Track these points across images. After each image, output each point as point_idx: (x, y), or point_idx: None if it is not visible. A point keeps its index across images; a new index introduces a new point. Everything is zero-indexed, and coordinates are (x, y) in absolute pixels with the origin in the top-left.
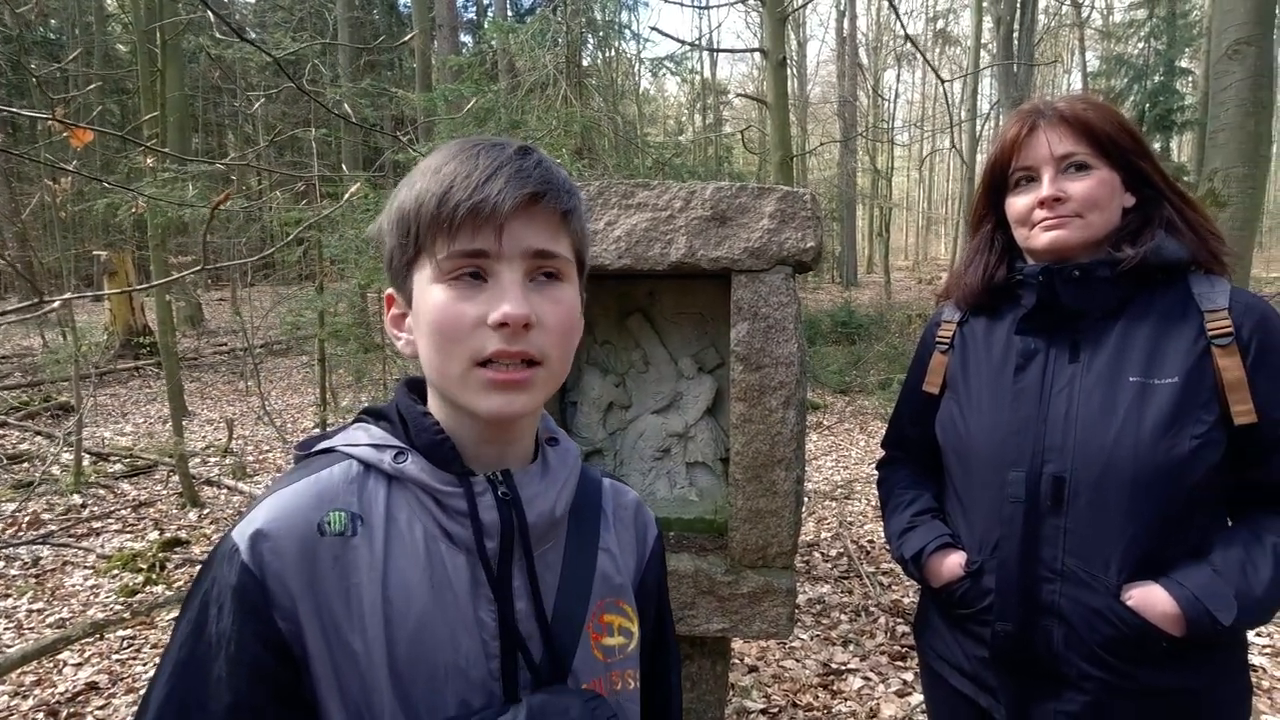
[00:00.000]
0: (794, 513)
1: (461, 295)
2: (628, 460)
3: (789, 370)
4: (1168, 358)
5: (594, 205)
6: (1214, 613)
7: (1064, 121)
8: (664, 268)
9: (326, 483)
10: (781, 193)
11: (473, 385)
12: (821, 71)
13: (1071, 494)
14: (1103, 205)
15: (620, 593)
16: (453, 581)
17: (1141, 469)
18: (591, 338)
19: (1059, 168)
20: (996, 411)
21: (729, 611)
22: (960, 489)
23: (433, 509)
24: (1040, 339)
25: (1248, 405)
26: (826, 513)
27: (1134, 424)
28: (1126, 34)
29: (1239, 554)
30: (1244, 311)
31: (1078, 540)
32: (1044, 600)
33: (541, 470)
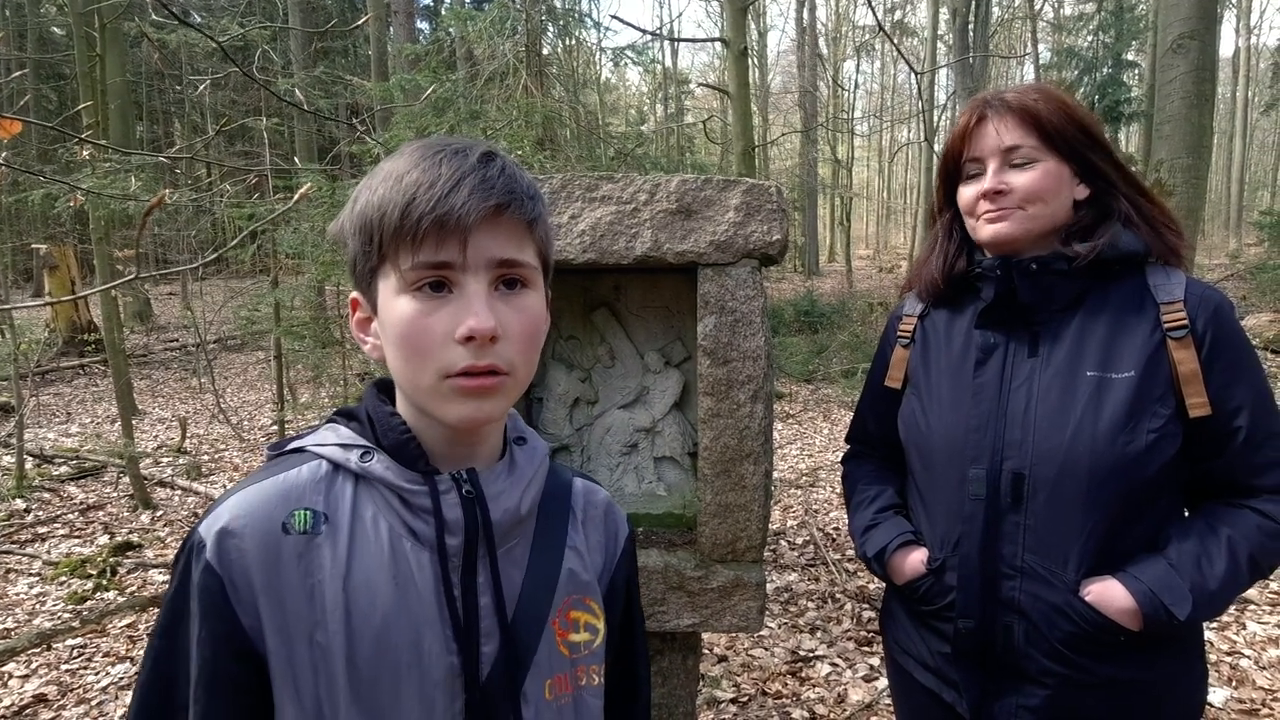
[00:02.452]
0: (763, 506)
1: (428, 308)
2: (595, 456)
3: (756, 364)
4: (1125, 351)
5: (557, 199)
6: (1170, 607)
7: (1011, 112)
8: (629, 262)
9: (293, 481)
10: (747, 185)
11: (443, 395)
12: (782, 62)
13: (1030, 491)
14: (1046, 198)
15: (587, 590)
16: (416, 579)
17: (1098, 464)
18: (557, 333)
19: (1004, 160)
20: (957, 407)
21: (699, 606)
22: (922, 485)
23: (398, 507)
24: (999, 333)
25: (1203, 398)
26: (792, 501)
27: (1091, 419)
28: (1076, 27)
29: (1194, 547)
30: (1199, 304)
31: (1037, 537)
32: (1004, 597)
33: (508, 469)
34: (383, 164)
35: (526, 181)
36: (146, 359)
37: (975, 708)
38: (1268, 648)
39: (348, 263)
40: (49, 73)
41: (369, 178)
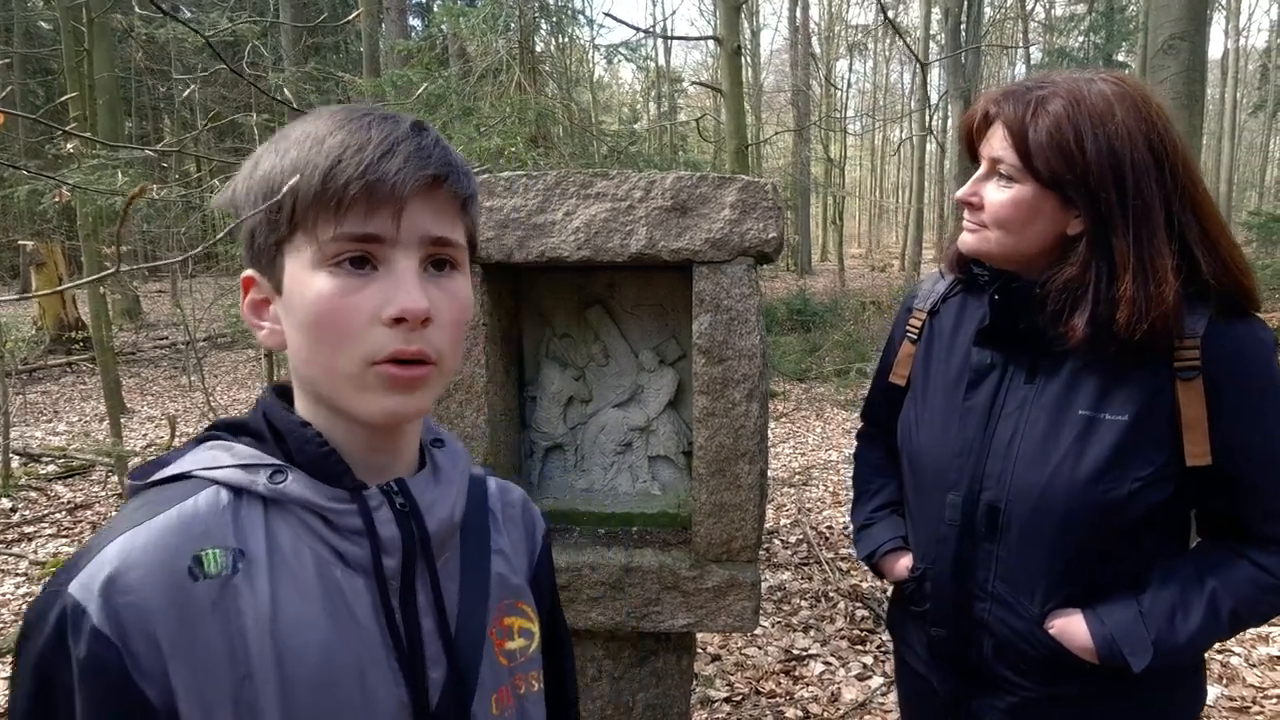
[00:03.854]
0: (758, 506)
1: (350, 285)
2: (589, 455)
3: (752, 363)
4: (1124, 390)
5: (551, 195)
6: (1127, 656)
7: (1006, 125)
8: (624, 259)
9: (191, 516)
10: (743, 183)
11: (366, 385)
12: (775, 60)
13: (1005, 523)
14: (1011, 226)
15: (518, 593)
16: (354, 609)
17: (1073, 509)
18: (550, 330)
19: (989, 168)
20: (945, 429)
21: (694, 607)
22: (910, 495)
23: (322, 531)
24: (999, 353)
25: (1203, 447)
26: (785, 500)
27: (1071, 462)
28: (1068, 28)
29: (1172, 596)
30: (1217, 345)
31: (1008, 568)
32: (975, 615)
33: (433, 475)
34: (291, 126)
35: (461, 157)
36: (135, 357)
37: (952, 701)
38: (1258, 645)
39: (243, 237)
40: (36, 68)
41: (274, 140)
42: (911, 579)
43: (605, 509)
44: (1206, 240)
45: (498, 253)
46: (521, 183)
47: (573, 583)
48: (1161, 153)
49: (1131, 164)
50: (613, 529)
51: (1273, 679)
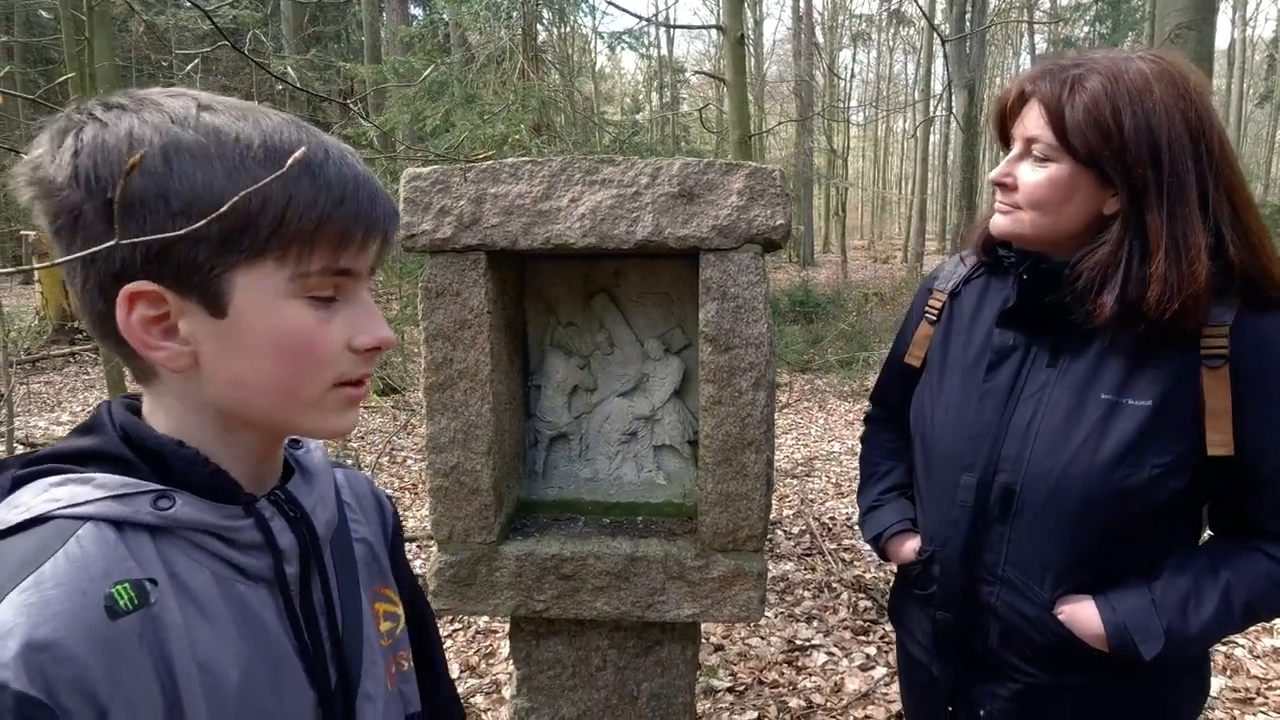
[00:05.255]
0: (764, 495)
1: (323, 315)
2: (594, 444)
3: (759, 351)
4: (1149, 375)
5: (557, 182)
6: (1137, 645)
7: (1043, 103)
8: (630, 246)
9: (83, 557)
10: (750, 169)
11: (327, 407)
12: (778, 50)
13: (1019, 507)
14: (1046, 207)
15: (382, 578)
16: (262, 620)
17: (1090, 495)
18: (555, 319)
19: (1024, 149)
20: (962, 410)
21: (699, 596)
22: (920, 476)
23: (220, 549)
24: (1021, 335)
25: (1225, 436)
26: (788, 490)
27: (1091, 447)
28: (1073, 17)
29: (1186, 586)
30: (1246, 334)
31: (1019, 552)
32: (983, 600)
33: (305, 478)
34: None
35: None
36: None
37: (952, 688)
38: (1262, 637)
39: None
40: (36, 57)
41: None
42: (919, 561)
43: (610, 498)
44: (1238, 224)
45: (502, 240)
46: (526, 169)
47: (577, 573)
48: (1199, 131)
49: (1169, 141)
50: (617, 519)
51: (1277, 670)
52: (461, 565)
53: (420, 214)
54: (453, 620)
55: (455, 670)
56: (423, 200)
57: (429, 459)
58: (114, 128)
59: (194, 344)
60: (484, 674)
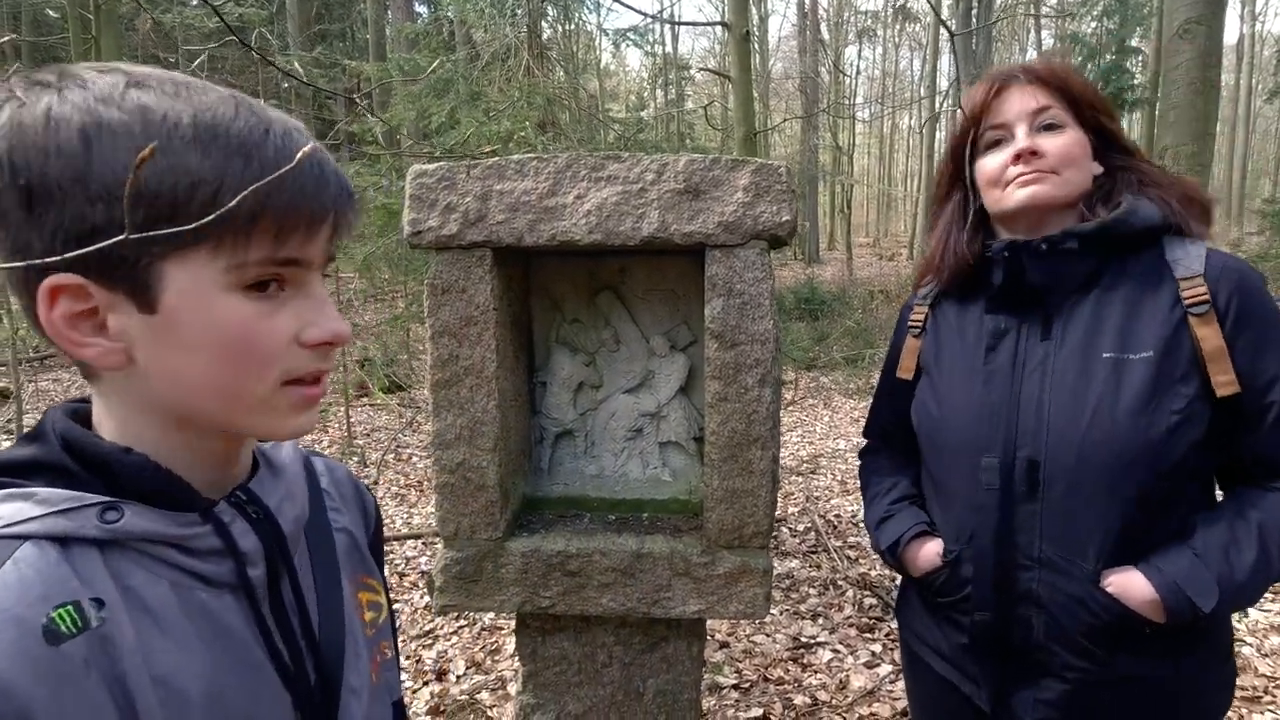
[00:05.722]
0: (770, 492)
1: (267, 308)
2: (599, 441)
3: (765, 348)
4: (1143, 330)
5: (562, 178)
6: (1194, 600)
7: (1038, 79)
8: (636, 243)
9: (19, 583)
10: (756, 165)
11: (278, 407)
12: (783, 47)
13: (1046, 479)
14: (1078, 163)
15: (366, 568)
16: (228, 627)
17: (1117, 450)
18: (561, 316)
19: (1033, 123)
20: (969, 395)
21: (705, 593)
22: (936, 476)
23: (176, 559)
24: (1011, 317)
25: (1229, 375)
26: (793, 488)
27: (1109, 403)
28: (1080, 12)
29: (1222, 535)
30: (1220, 276)
31: (1055, 526)
32: (1022, 588)
33: (272, 473)
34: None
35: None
36: None
37: (993, 701)
38: (1270, 635)
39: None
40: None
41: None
42: (944, 565)
43: (615, 495)
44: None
45: (508, 236)
46: (532, 165)
47: (583, 569)
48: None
49: (1112, 108)
50: (623, 515)
51: None
52: (468, 562)
53: (426, 211)
54: (458, 617)
55: (461, 667)
56: (428, 197)
57: (435, 455)
58: (32, 107)
59: (126, 341)
60: (489, 670)
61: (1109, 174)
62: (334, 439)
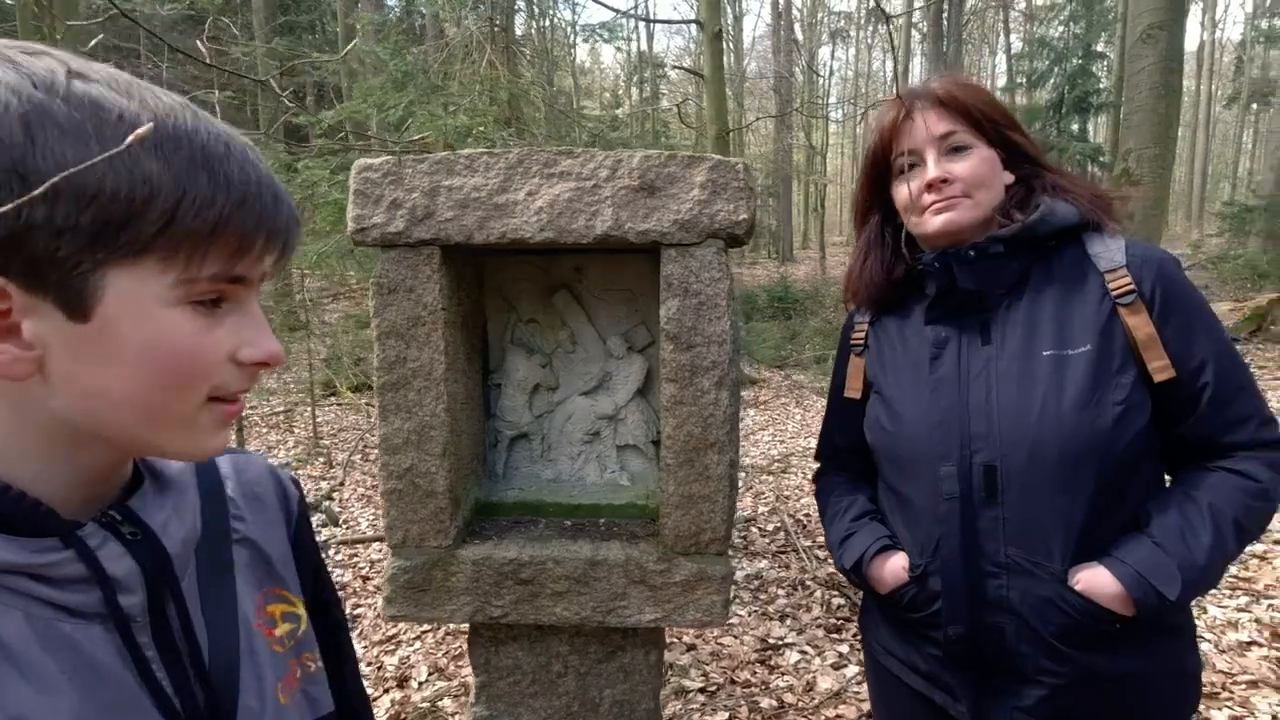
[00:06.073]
0: (728, 497)
1: (207, 324)
2: (555, 444)
3: (721, 349)
4: (1077, 326)
5: (514, 174)
6: (1159, 588)
7: (939, 103)
8: (589, 241)
9: None
10: (713, 162)
11: (199, 425)
12: (758, 47)
13: (1004, 482)
14: (988, 183)
15: (275, 579)
16: (98, 662)
17: (1068, 445)
18: (516, 316)
19: (941, 148)
20: (919, 406)
21: (661, 601)
22: (896, 490)
23: (33, 589)
24: (950, 326)
25: (1164, 360)
26: (764, 487)
27: (1054, 400)
28: (1048, 17)
29: (1176, 520)
30: (1141, 265)
31: (1017, 529)
32: (992, 596)
33: (157, 488)
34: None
35: None
36: None
37: (972, 712)
38: (1227, 631)
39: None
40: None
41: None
42: (911, 581)
43: (572, 500)
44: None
45: (457, 234)
46: (483, 161)
47: (536, 577)
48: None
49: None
50: (579, 520)
51: (1242, 664)
52: (416, 570)
53: (371, 206)
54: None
55: (424, 673)
56: (374, 192)
57: (381, 460)
58: None
59: (41, 349)
60: (453, 676)
61: (1022, 181)
62: (300, 439)
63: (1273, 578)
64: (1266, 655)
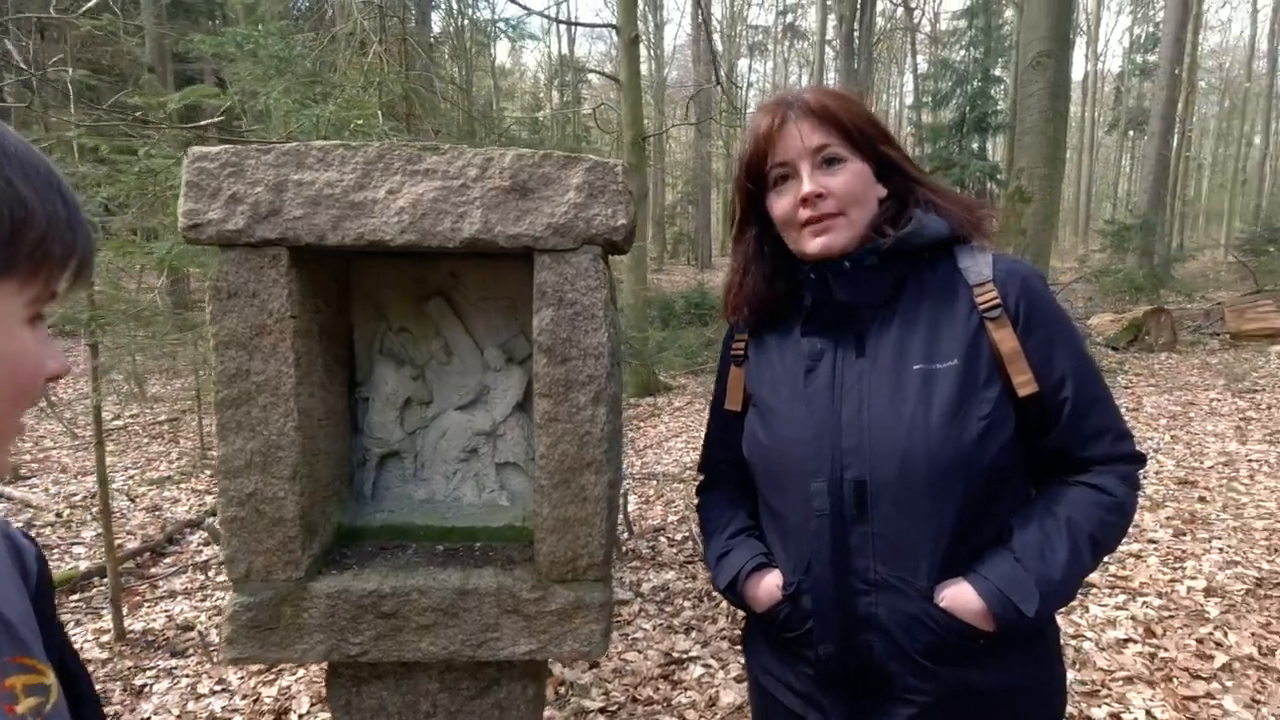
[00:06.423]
0: (606, 520)
1: (37, 339)
2: (429, 463)
3: (598, 362)
4: (946, 340)
5: (373, 170)
6: (1018, 604)
7: (812, 114)
8: (456, 245)
9: None
10: (590, 163)
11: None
12: (679, 56)
13: (873, 498)
14: (861, 199)
15: (17, 647)
16: None
17: (935, 461)
18: (386, 324)
19: (815, 160)
20: (793, 420)
21: (536, 632)
22: (771, 506)
23: None
24: (826, 339)
25: (1027, 375)
26: (675, 496)
27: (922, 415)
28: (951, 41)
29: (1035, 534)
30: (1007, 279)
31: (886, 546)
32: (862, 614)
33: None
34: None
35: None
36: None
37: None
38: (1107, 629)
39: None
40: None
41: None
42: (785, 599)
43: (446, 522)
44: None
45: (308, 234)
46: (338, 154)
47: (400, 610)
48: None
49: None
50: (453, 545)
51: (1119, 661)
52: (261, 607)
53: (207, 201)
54: None
55: (305, 704)
56: (210, 185)
57: (220, 485)
58: None
59: None
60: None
61: (895, 195)
62: (184, 450)
63: (1147, 575)
64: (1141, 651)
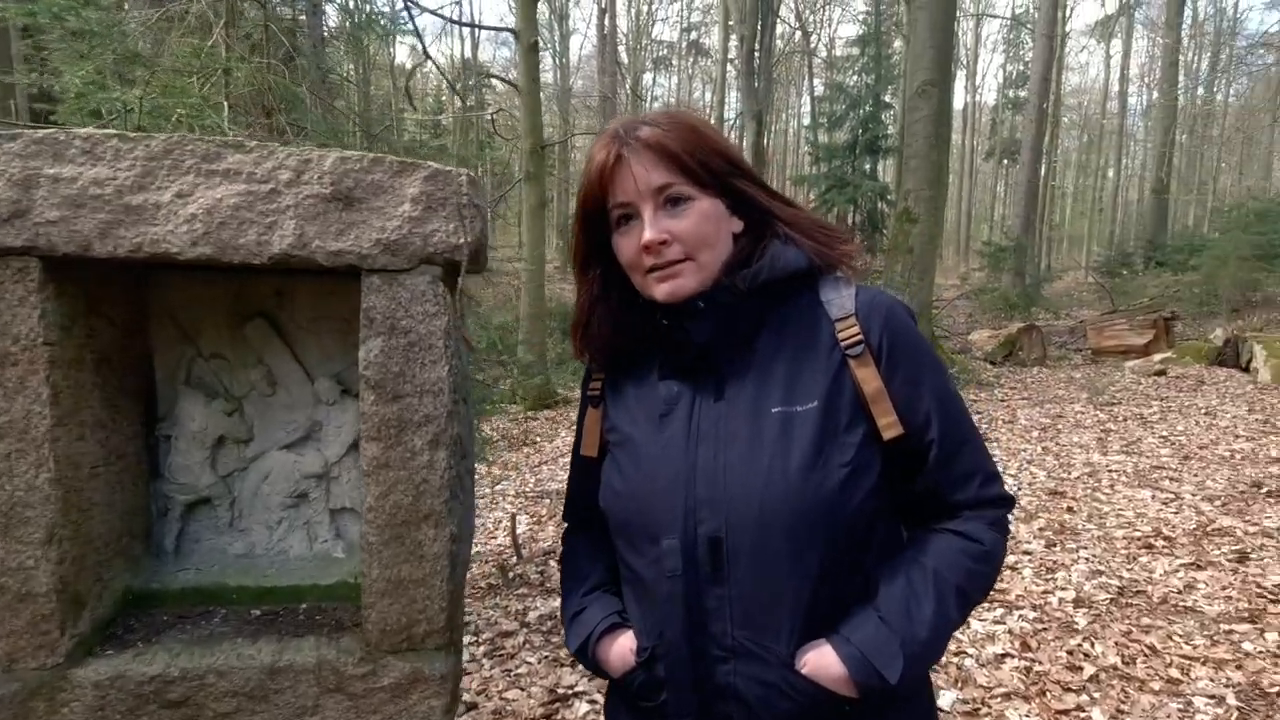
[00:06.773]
0: (447, 581)
1: None
2: (249, 510)
3: (437, 400)
4: (808, 380)
5: (158, 167)
6: (880, 671)
7: (649, 149)
8: (263, 260)
9: None
10: (430, 171)
11: None
12: (585, 67)
13: (730, 557)
14: (711, 241)
15: None
16: None
17: (795, 513)
18: (195, 349)
19: (657, 203)
20: (645, 469)
21: (365, 712)
22: (626, 562)
23: None
24: (684, 382)
25: (892, 417)
26: None
27: (780, 464)
28: (845, 67)
29: (901, 589)
30: (870, 312)
31: (744, 609)
32: (720, 683)
33: None
34: None
35: None
36: None
37: None
38: (987, 645)
39: None
40: None
41: None
42: (639, 664)
43: (267, 580)
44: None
45: (66, 243)
46: (111, 146)
47: (192, 696)
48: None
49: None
50: (273, 608)
51: (998, 678)
52: (7, 702)
53: None
54: None
55: None
56: None
57: None
58: None
59: None
60: None
61: (750, 228)
62: None
63: (1022, 588)
64: (1018, 666)
